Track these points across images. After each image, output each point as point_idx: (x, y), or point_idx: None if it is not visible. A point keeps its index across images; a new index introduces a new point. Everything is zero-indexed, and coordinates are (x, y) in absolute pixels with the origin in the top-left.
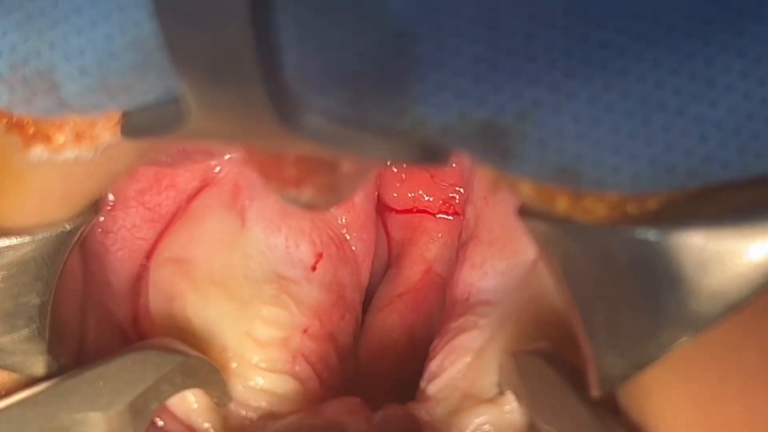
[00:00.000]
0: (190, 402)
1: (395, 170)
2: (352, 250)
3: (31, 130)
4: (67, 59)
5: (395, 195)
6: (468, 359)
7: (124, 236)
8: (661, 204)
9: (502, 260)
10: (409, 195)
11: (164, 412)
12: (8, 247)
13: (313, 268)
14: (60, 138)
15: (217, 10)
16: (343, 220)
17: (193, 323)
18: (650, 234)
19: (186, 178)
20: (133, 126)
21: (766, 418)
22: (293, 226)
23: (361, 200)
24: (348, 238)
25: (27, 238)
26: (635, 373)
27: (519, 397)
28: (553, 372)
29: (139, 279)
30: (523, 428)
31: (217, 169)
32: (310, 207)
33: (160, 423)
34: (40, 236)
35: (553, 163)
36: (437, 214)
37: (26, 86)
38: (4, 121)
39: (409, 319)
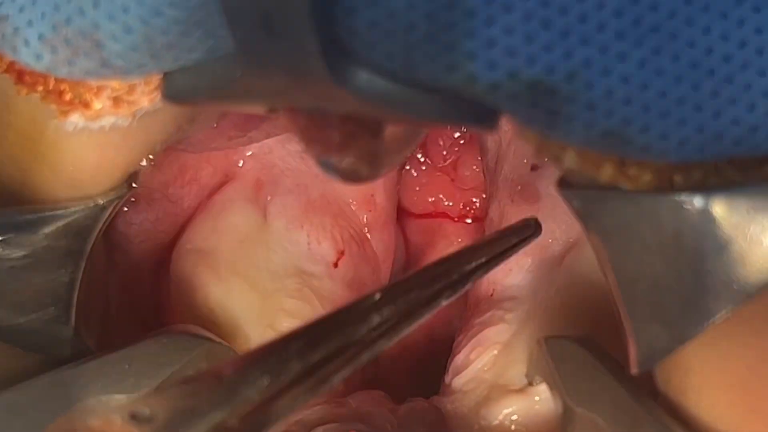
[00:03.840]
0: None
1: (415, 174)
2: (373, 250)
3: (68, 97)
4: (110, 17)
5: (415, 199)
6: (495, 351)
7: (147, 228)
8: (706, 174)
9: (528, 257)
10: (429, 199)
11: None
12: (40, 219)
13: (335, 265)
14: (97, 104)
15: None
16: (365, 219)
17: (216, 314)
18: (696, 200)
19: (209, 172)
20: (174, 87)
21: None
22: (315, 222)
23: (382, 200)
24: (369, 237)
25: (59, 211)
26: (678, 347)
27: (550, 382)
28: (587, 355)
29: (161, 271)
30: (553, 417)
31: (240, 163)
32: (350, 176)
33: None
34: (72, 209)
35: (600, 126)
36: (456, 218)
37: (68, 46)
38: (41, 88)
39: (429, 320)
